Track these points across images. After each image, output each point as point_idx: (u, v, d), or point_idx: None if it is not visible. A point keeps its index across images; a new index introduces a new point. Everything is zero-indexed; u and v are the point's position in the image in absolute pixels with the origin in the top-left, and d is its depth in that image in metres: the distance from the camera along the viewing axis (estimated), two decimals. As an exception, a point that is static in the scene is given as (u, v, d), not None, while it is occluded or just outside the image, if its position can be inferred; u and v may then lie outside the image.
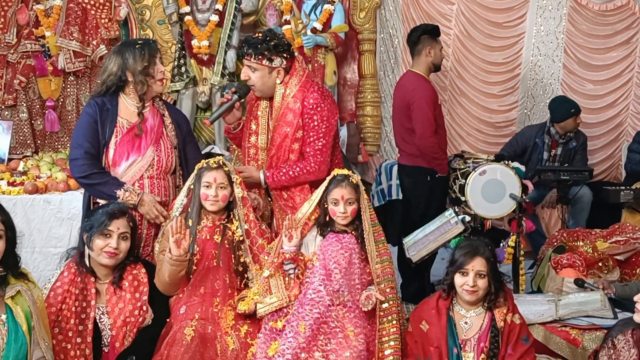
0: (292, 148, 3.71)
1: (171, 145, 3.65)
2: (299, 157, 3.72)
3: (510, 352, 3.02)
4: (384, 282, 3.25)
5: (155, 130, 3.60)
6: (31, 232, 4.48)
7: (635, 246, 4.40)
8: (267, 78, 3.70)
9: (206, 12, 5.67)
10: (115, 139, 3.54)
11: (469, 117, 6.52)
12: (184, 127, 3.77)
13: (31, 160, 5.14)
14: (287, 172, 3.69)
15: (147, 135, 3.58)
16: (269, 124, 3.77)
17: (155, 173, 3.59)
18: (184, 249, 3.17)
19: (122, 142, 3.54)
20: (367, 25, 6.22)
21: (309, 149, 3.71)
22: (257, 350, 3.12)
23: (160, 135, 3.62)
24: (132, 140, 3.55)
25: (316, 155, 3.70)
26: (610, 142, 6.53)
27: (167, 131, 3.66)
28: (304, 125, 3.68)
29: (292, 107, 3.67)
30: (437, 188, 4.99)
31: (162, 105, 3.75)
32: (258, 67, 3.67)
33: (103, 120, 3.53)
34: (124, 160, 3.54)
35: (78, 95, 5.50)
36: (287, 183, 3.72)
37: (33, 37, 5.43)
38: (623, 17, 6.33)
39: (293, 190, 3.74)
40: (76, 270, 3.17)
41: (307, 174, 3.70)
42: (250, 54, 3.66)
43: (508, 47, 6.43)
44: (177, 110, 3.93)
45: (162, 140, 3.62)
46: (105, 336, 3.12)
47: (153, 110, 3.65)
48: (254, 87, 3.72)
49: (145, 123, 3.58)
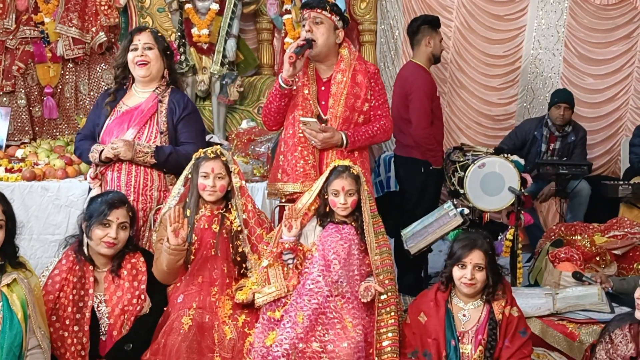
0: (358, 121, 3.74)
1: (157, 130, 3.66)
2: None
3: (508, 344, 3.03)
4: (383, 274, 3.24)
5: (144, 114, 3.65)
6: (29, 219, 4.47)
7: (632, 241, 4.41)
8: (331, 34, 3.68)
9: (206, 1, 5.62)
10: (108, 121, 3.68)
11: (468, 110, 6.51)
12: (177, 112, 3.72)
13: (29, 147, 5.12)
14: (367, 131, 3.73)
15: (132, 118, 3.64)
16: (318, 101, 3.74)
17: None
18: (182, 238, 3.18)
19: (112, 123, 3.67)
20: (368, 16, 6.19)
21: (380, 112, 3.78)
22: (254, 340, 3.11)
23: (147, 119, 3.66)
24: (121, 123, 3.65)
25: (388, 115, 3.82)
26: (610, 136, 6.53)
27: (159, 117, 3.67)
28: (372, 91, 3.74)
29: (358, 80, 3.70)
30: (431, 180, 5.01)
31: (166, 91, 3.75)
32: (326, 21, 3.66)
33: (104, 105, 3.73)
34: (107, 140, 3.64)
35: (77, 82, 5.48)
36: (365, 143, 3.76)
37: (32, 24, 5.41)
38: (624, 11, 6.32)
39: None
40: (74, 258, 3.17)
41: (383, 133, 3.79)
42: (323, 6, 3.64)
43: (509, 40, 6.42)
44: (181, 96, 3.84)
45: (148, 124, 3.66)
46: (103, 324, 3.12)
47: (152, 96, 3.69)
48: (316, 42, 3.64)
49: (136, 109, 3.67)
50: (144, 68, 3.66)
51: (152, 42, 3.67)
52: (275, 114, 3.74)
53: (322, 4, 3.65)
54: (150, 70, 3.68)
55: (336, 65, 3.72)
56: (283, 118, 3.76)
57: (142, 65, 3.65)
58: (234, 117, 5.85)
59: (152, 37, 3.68)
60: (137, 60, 3.65)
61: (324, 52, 3.69)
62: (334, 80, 3.69)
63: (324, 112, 3.71)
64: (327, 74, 3.75)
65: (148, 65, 3.66)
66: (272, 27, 6.13)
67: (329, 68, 3.75)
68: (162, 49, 3.71)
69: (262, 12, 6.03)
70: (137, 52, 3.64)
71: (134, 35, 3.68)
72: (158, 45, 3.69)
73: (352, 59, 3.73)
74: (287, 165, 3.69)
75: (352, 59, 3.73)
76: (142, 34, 3.68)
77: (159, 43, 3.70)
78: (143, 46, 3.64)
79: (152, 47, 3.67)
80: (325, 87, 3.73)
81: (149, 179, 3.65)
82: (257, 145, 5.06)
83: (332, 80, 3.70)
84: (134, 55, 3.65)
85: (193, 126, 3.80)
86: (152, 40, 3.68)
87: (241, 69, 5.92)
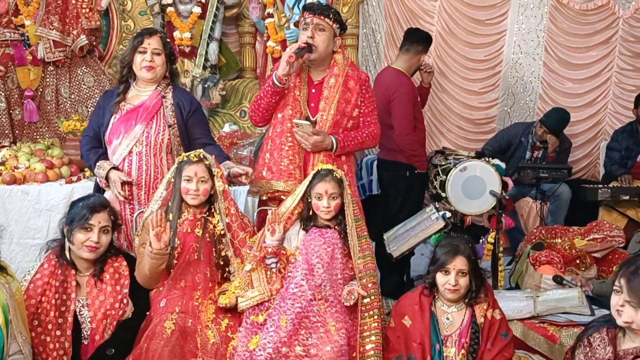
0: (347, 126, 3.76)
1: (165, 124, 3.74)
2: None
3: (490, 347, 3.04)
4: (366, 277, 3.25)
5: (149, 110, 3.73)
6: (9, 224, 4.42)
7: (612, 244, 4.46)
8: (330, 42, 3.71)
9: (189, 4, 5.63)
10: (113, 119, 3.73)
11: (449, 114, 6.56)
12: (186, 107, 3.81)
13: (9, 150, 5.06)
14: (356, 137, 3.77)
15: (139, 115, 3.71)
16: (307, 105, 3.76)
17: (145, 149, 3.71)
18: (164, 242, 3.16)
19: (117, 122, 3.73)
20: (350, 20, 6.21)
21: (369, 118, 3.85)
22: (238, 344, 3.11)
23: (153, 115, 3.73)
24: (127, 121, 3.71)
25: (377, 122, 3.89)
26: (589, 140, 6.61)
27: (164, 111, 3.75)
28: (363, 98, 3.79)
29: (350, 86, 3.74)
30: (415, 183, 5.02)
31: (168, 87, 3.82)
32: (327, 28, 3.69)
33: (105, 106, 3.80)
34: (114, 139, 3.72)
35: (57, 86, 5.43)
36: (354, 148, 3.82)
37: (12, 26, 5.33)
38: (603, 16, 6.41)
39: None
40: (56, 262, 3.14)
41: (371, 140, 3.86)
42: (327, 14, 3.67)
43: (489, 44, 6.48)
44: (185, 93, 4.00)
45: (155, 119, 3.73)
46: (85, 329, 3.09)
47: (154, 93, 3.77)
48: (317, 48, 3.67)
49: (141, 106, 3.73)
50: (151, 72, 3.73)
51: (160, 48, 3.74)
52: (264, 111, 3.76)
53: (326, 12, 3.68)
54: (156, 74, 3.75)
55: (329, 70, 3.75)
56: (271, 115, 3.78)
57: (150, 69, 3.72)
58: (216, 120, 5.85)
59: (161, 43, 3.74)
60: (145, 64, 3.71)
61: (322, 57, 3.73)
62: (326, 84, 3.72)
63: (312, 114, 3.73)
64: (319, 77, 3.77)
65: (154, 70, 3.73)
66: (254, 30, 6.14)
67: (322, 72, 3.78)
68: (167, 54, 3.79)
69: (244, 16, 6.04)
70: (145, 56, 3.71)
71: (144, 38, 3.72)
72: (165, 51, 3.77)
73: (345, 65, 3.76)
74: (273, 163, 3.71)
75: (346, 65, 3.76)
76: (152, 38, 3.72)
77: (166, 48, 3.78)
78: (152, 51, 3.71)
79: (160, 52, 3.74)
80: (316, 89, 3.75)
81: (159, 172, 3.72)
82: (239, 149, 5.05)
83: (324, 84, 3.73)
84: (142, 59, 3.71)
85: (203, 121, 3.97)
86: (161, 46, 3.74)
87: (223, 72, 5.92)
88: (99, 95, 5.39)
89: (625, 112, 6.43)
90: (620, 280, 2.59)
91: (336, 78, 3.72)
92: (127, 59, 3.77)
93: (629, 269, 2.58)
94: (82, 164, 4.98)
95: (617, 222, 5.43)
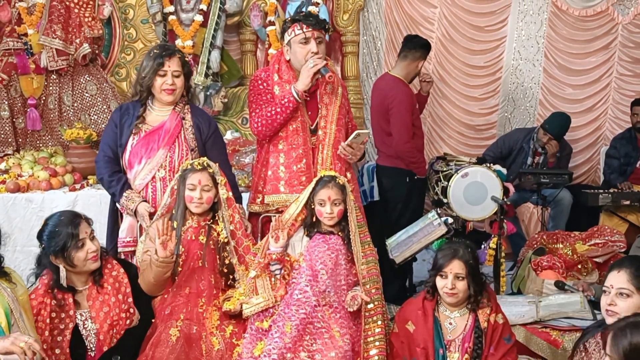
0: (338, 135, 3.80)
1: (187, 147, 3.67)
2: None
3: (493, 351, 3.05)
4: (369, 283, 3.27)
5: (171, 134, 3.64)
6: (13, 231, 4.43)
7: (613, 249, 4.46)
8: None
9: (190, 12, 5.67)
10: (132, 141, 3.63)
11: (450, 120, 6.58)
12: (204, 129, 3.73)
13: (12, 158, 5.09)
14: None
15: (160, 139, 3.62)
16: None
17: (168, 175, 3.62)
18: (170, 251, 3.17)
19: (137, 145, 3.62)
20: (351, 27, 6.25)
21: (353, 121, 4.03)
22: (242, 350, 3.12)
23: (175, 138, 3.65)
24: (147, 144, 3.61)
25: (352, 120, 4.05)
26: (589, 145, 6.62)
27: (185, 134, 3.67)
28: (347, 101, 3.89)
29: (340, 93, 3.82)
30: (415, 189, 5.02)
31: (186, 108, 3.74)
32: (324, 40, 3.72)
33: (122, 124, 3.66)
34: (136, 163, 3.62)
35: (60, 94, 5.45)
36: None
37: (15, 35, 5.38)
38: (602, 22, 6.43)
39: None
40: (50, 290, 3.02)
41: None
42: (323, 26, 3.69)
43: (489, 50, 6.50)
44: (203, 113, 3.88)
45: (177, 143, 3.65)
46: (91, 341, 3.03)
47: (173, 114, 3.68)
48: (327, 63, 3.67)
49: (160, 128, 3.64)
50: (172, 95, 3.64)
51: (180, 70, 3.64)
52: (278, 126, 3.70)
53: (323, 25, 3.69)
54: (176, 96, 3.66)
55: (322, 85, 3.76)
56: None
57: (171, 92, 3.63)
58: (218, 127, 5.85)
59: (180, 64, 3.64)
60: (166, 87, 3.61)
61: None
62: (321, 102, 3.76)
63: (311, 121, 3.76)
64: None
65: (175, 92, 3.65)
66: (255, 38, 6.17)
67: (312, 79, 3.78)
68: (186, 74, 3.70)
69: (246, 24, 6.07)
70: (166, 79, 3.60)
71: (164, 60, 3.59)
72: (184, 71, 3.68)
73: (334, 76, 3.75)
74: (292, 176, 3.69)
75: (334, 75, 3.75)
76: (172, 60, 3.60)
77: (185, 68, 3.68)
78: (172, 73, 3.60)
79: (179, 74, 3.64)
80: (310, 97, 3.76)
81: None
82: (241, 156, 5.07)
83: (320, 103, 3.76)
84: (163, 82, 3.60)
85: (220, 144, 3.86)
86: (181, 67, 3.64)
87: (225, 79, 5.95)
88: (101, 103, 5.42)
89: (625, 117, 6.44)
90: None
91: (329, 97, 3.76)
92: (146, 81, 3.62)
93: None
94: (85, 172, 5.02)
95: (618, 227, 5.44)
